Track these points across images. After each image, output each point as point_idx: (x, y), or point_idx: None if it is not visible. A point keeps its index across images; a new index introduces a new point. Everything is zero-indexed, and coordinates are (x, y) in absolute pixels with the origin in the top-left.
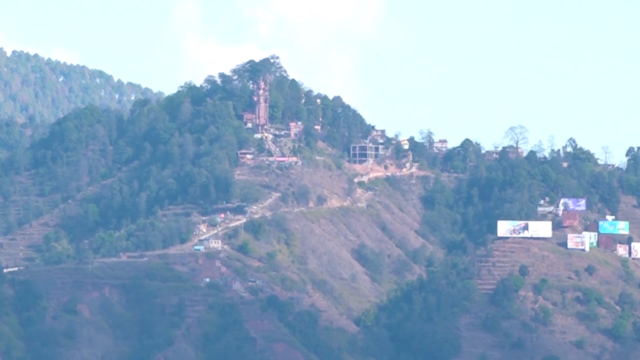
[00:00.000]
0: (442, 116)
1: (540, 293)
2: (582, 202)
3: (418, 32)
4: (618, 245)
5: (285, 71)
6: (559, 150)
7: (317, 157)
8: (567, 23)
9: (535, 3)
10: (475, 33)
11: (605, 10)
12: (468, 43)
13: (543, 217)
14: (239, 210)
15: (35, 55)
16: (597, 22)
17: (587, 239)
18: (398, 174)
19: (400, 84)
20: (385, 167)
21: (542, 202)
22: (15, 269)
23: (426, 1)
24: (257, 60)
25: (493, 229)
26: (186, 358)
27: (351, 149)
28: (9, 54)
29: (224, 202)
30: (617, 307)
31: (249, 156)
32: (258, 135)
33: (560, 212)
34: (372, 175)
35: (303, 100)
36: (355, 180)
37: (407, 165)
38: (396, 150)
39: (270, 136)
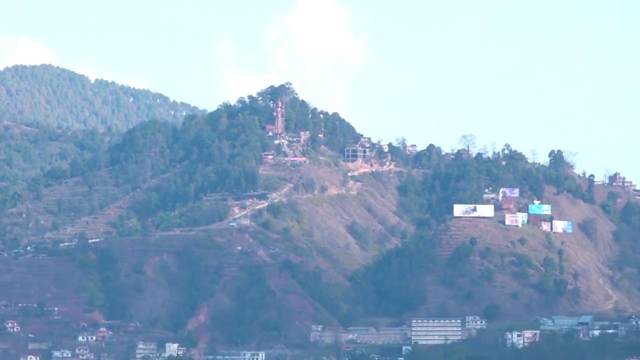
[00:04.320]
0: (413, 127)
1: (485, 258)
2: (516, 190)
3: (395, 64)
4: (542, 222)
5: (296, 94)
6: (498, 152)
7: (320, 157)
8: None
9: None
10: (435, 67)
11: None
12: (431, 74)
13: (487, 202)
14: (262, 197)
15: (112, 82)
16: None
17: (520, 218)
18: (380, 170)
19: (382, 103)
20: (371, 165)
21: (486, 190)
22: (97, 240)
23: (401, 43)
24: (276, 86)
25: (450, 210)
26: (223, 306)
27: (345, 151)
28: (92, 81)
29: (252, 190)
30: (542, 268)
31: (270, 157)
32: (277, 141)
33: (500, 198)
34: (360, 170)
35: (310, 116)
36: (349, 174)
37: (387, 163)
38: (379, 152)
39: (286, 142)
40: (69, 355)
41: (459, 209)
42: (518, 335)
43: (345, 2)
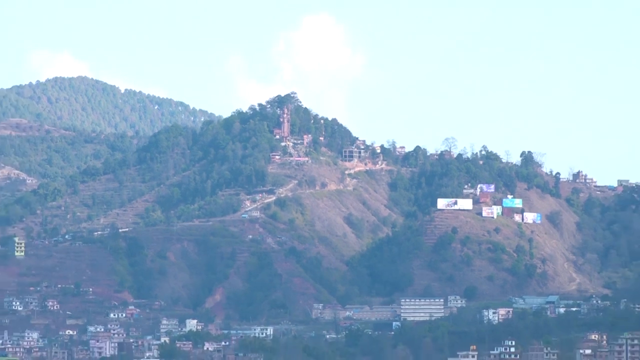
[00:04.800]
0: (402, 131)
1: (465, 245)
2: (492, 186)
3: (386, 76)
4: (515, 214)
5: (300, 102)
6: (476, 153)
7: (321, 158)
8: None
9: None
10: (422, 78)
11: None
12: (418, 84)
13: (466, 196)
14: (270, 192)
15: (140, 92)
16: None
17: (495, 210)
18: (373, 168)
19: (375, 110)
20: (365, 164)
21: (466, 186)
22: (127, 229)
23: (391, 58)
24: (282, 95)
25: (434, 204)
26: (236, 287)
27: (343, 152)
28: (122, 90)
29: (261, 186)
30: (514, 254)
31: (277, 157)
32: (283, 144)
33: (478, 193)
34: (356, 169)
35: (312, 121)
36: (346, 172)
37: (379, 162)
38: (372, 153)
39: (291, 144)
40: (102, 330)
41: (442, 203)
42: (493, 313)
43: (343, 22)
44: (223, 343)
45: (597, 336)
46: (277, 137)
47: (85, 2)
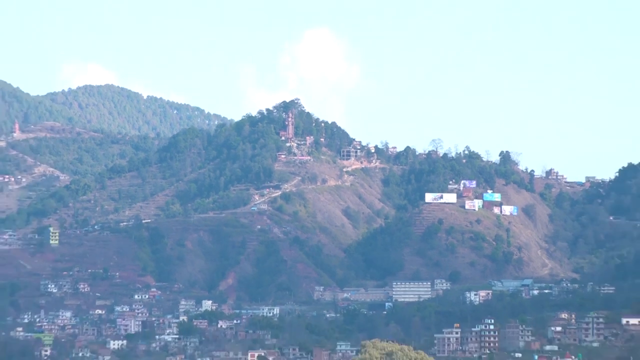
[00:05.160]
0: (393, 133)
1: (450, 234)
2: (474, 182)
3: (379, 84)
4: (494, 207)
5: (303, 107)
6: (460, 152)
7: (322, 157)
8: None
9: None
10: (410, 87)
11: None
12: (407, 92)
13: (451, 191)
14: (277, 187)
15: (160, 98)
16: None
17: (476, 204)
18: (368, 166)
19: (369, 114)
20: (361, 162)
21: (450, 182)
22: (149, 220)
23: (384, 68)
24: (287, 101)
25: (422, 198)
26: (246, 272)
27: (341, 152)
28: (145, 97)
29: (268, 182)
30: (493, 242)
31: (282, 156)
32: (288, 144)
33: (461, 188)
34: (353, 167)
35: (313, 124)
36: (344, 170)
37: (373, 161)
38: (367, 153)
39: (295, 144)
40: (127, 309)
41: (429, 197)
42: (475, 295)
43: (341, 37)
44: (235, 321)
45: (566, 315)
46: (283, 138)
47: (112, 19)
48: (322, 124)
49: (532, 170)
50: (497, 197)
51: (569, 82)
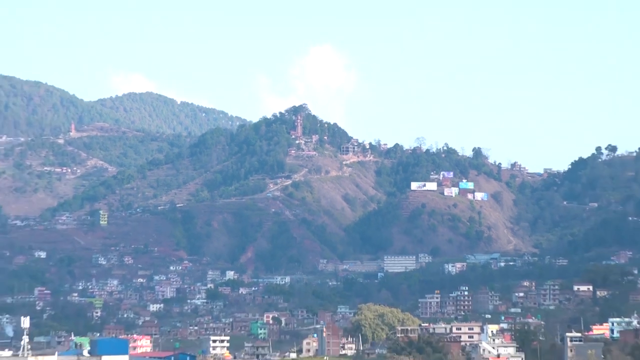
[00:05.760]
0: (385, 132)
1: (431, 216)
2: (451, 173)
3: (373, 91)
4: (468, 193)
5: (310, 111)
6: (440, 148)
7: (325, 152)
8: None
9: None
10: (399, 93)
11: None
12: (396, 97)
13: (432, 180)
14: (288, 177)
15: (191, 103)
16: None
17: (453, 191)
18: (364, 159)
19: (365, 116)
20: (357, 157)
21: (432, 173)
22: (182, 204)
23: (377, 78)
24: (296, 105)
25: (409, 186)
26: (263, 247)
27: (341, 148)
28: (178, 102)
29: (281, 173)
30: (468, 223)
31: (292, 151)
32: (297, 141)
33: (441, 178)
34: (351, 160)
35: (318, 125)
36: (343, 163)
37: (368, 155)
38: (362, 148)
39: (303, 142)
40: (164, 278)
41: (414, 185)
42: (452, 266)
43: (341, 52)
44: (253, 288)
45: (528, 283)
46: (293, 136)
47: (152, 38)
48: (325, 125)
49: (500, 163)
50: (470, 185)
51: (530, 86)
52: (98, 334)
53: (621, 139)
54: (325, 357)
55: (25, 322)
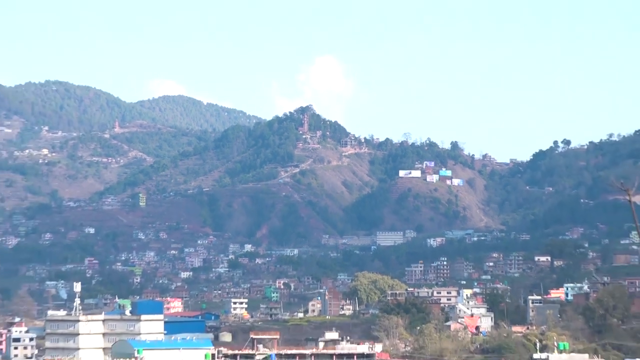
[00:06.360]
0: (377, 128)
1: (416, 199)
2: (432, 163)
3: (368, 95)
4: (447, 180)
5: (315, 111)
6: (423, 141)
7: (327, 145)
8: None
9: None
10: (388, 96)
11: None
12: (386, 100)
13: (417, 169)
14: (296, 166)
15: (216, 104)
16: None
17: (434, 178)
18: (360, 151)
19: (361, 115)
20: (354, 149)
21: (416, 163)
22: (208, 189)
23: (371, 84)
24: (303, 106)
25: (397, 173)
26: (275, 225)
27: (341, 141)
28: (205, 103)
29: (290, 163)
30: (446, 204)
31: (300, 144)
32: (304, 136)
33: (424, 167)
34: (349, 152)
35: (322, 122)
36: (343, 154)
37: (363, 148)
38: (358, 142)
39: (309, 136)
40: (193, 250)
41: (401, 173)
42: (433, 240)
43: (342, 62)
44: (267, 259)
45: (496, 254)
46: (300, 132)
47: (182, 49)
48: (328, 123)
49: (473, 154)
50: (448, 173)
51: (499, 88)
52: (138, 297)
53: (575, 134)
54: (327, 317)
55: (77, 287)
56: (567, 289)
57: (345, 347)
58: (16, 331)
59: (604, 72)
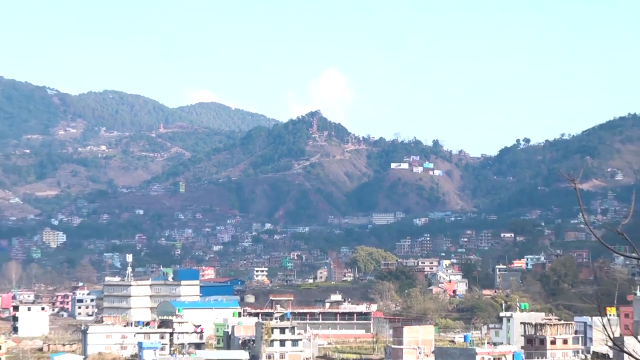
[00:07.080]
0: (374, 128)
1: (404, 186)
2: (418, 157)
3: (366, 102)
4: (430, 171)
5: (322, 114)
6: (411, 140)
7: (332, 142)
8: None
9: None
10: (381, 104)
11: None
12: (379, 106)
13: (405, 162)
14: (307, 159)
15: (241, 109)
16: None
17: (420, 169)
18: (358, 148)
19: (359, 118)
20: (355, 146)
21: (405, 157)
22: (235, 178)
23: (367, 93)
24: (313, 110)
25: (389, 165)
26: (290, 207)
27: (344, 140)
28: (233, 108)
29: (302, 157)
30: (429, 191)
31: (310, 142)
32: (314, 135)
33: (411, 160)
34: (350, 148)
35: (328, 124)
36: (345, 150)
37: (362, 145)
38: (358, 140)
39: (317, 135)
40: (223, 228)
41: (393, 165)
42: (419, 220)
43: (344, 73)
44: (283, 235)
45: (470, 232)
46: (310, 132)
47: (214, 64)
48: (333, 124)
49: (451, 150)
50: (431, 165)
51: (473, 94)
52: (178, 266)
53: (534, 133)
54: (332, 282)
55: (129, 258)
56: (527, 259)
57: (347, 307)
58: (80, 294)
59: (560, 81)
